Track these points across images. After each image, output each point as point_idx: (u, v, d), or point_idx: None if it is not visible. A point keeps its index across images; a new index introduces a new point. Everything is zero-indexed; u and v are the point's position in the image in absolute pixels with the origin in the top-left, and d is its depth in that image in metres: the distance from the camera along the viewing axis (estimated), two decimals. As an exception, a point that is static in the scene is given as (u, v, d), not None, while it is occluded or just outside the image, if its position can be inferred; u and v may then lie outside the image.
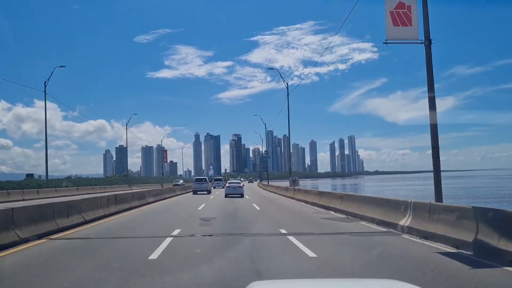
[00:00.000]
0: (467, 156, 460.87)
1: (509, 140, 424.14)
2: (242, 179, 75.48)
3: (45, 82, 35.27)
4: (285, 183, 33.49)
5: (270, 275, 5.49)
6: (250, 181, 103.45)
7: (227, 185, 28.74)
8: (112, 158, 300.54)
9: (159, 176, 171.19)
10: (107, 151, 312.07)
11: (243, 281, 4.34)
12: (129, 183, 73.23)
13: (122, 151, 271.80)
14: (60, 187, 35.78)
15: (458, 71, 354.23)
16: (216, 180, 51.21)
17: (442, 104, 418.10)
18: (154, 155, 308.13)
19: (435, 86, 10.88)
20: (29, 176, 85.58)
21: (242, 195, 26.39)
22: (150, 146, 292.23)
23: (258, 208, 17.94)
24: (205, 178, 36.47)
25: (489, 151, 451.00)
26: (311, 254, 6.95)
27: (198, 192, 32.99)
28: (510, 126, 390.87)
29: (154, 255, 6.91)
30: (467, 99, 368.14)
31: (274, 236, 9.32)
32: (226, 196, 26.26)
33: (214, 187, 44.56)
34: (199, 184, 33.98)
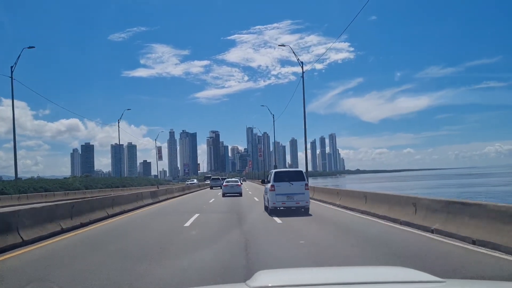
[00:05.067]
0: (441, 155, 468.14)
1: (480, 139, 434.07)
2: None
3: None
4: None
5: None
6: (244, 180, 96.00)
7: (224, 184, 28.43)
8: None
9: (129, 176, 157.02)
10: (75, 150, 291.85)
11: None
12: (88, 186, 61.46)
13: (88, 150, 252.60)
14: None
15: (431, 71, 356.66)
16: (223, 178, 68.16)
17: (416, 104, 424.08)
18: (125, 154, 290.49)
19: (408, 86, 1.36)
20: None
21: (240, 194, 26.07)
22: (121, 144, 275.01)
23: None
24: (219, 178, 53.02)
25: (462, 149, 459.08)
26: None
27: (213, 188, 45.41)
28: (481, 126, 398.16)
29: None
30: (440, 99, 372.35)
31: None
32: (224, 195, 25.68)
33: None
34: (215, 182, 48.52)
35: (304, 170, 13.79)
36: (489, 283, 2.83)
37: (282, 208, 13.12)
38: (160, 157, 66.66)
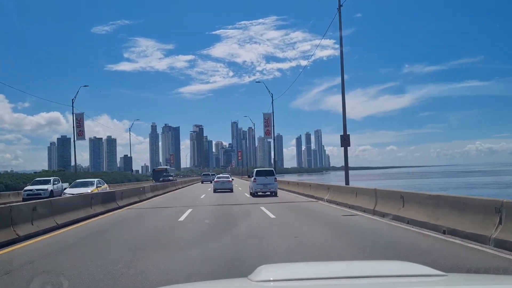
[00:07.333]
0: (423, 153, 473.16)
1: (461, 137, 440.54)
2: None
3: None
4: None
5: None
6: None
7: (215, 180, 29.15)
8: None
9: (106, 172, 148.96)
10: (52, 144, 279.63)
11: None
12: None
13: (65, 143, 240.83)
14: None
15: (415, 69, 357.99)
16: (212, 174, 64.76)
17: (399, 101, 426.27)
18: (104, 148, 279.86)
19: (392, 84, 1.02)
20: None
21: (231, 190, 26.68)
22: (99, 138, 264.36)
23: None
24: (209, 174, 60.57)
25: (444, 147, 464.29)
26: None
27: (203, 182, 50.26)
28: (462, 124, 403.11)
29: None
30: (423, 96, 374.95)
31: None
32: (215, 191, 26.34)
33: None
34: (206, 177, 54.96)
35: (273, 169, 22.24)
36: (491, 277, 2.85)
37: (260, 193, 20.48)
38: (80, 133, 32.30)
